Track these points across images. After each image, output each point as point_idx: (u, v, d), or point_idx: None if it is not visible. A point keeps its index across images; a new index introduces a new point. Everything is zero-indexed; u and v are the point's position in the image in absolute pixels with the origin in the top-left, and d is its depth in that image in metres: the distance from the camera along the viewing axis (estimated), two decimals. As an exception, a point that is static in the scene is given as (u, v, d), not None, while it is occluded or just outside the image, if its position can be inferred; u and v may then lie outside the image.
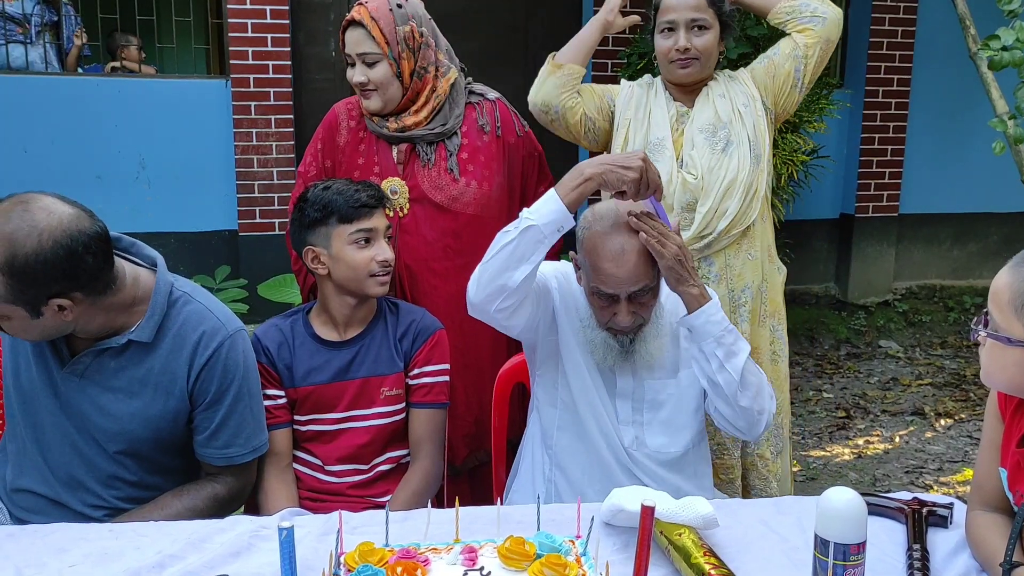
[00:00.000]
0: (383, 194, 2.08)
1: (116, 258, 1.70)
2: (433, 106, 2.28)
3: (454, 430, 2.28)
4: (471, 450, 2.36)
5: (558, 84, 2.39)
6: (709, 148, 2.31)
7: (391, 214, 2.24)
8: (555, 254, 2.26)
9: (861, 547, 1.23)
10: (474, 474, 2.39)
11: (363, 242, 2.01)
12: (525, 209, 1.77)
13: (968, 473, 3.77)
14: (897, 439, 4.17)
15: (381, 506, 1.82)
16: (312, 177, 2.31)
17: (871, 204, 6.13)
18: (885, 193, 6.13)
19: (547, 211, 1.74)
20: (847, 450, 4.05)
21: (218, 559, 1.46)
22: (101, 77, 5.22)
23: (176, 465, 1.88)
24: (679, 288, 1.81)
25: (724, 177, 2.27)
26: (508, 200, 2.36)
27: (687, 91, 2.41)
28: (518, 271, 1.74)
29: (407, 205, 2.26)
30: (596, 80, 5.55)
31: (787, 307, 2.56)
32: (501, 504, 1.57)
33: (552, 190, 1.77)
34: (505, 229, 1.78)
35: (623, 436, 1.93)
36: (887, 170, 6.11)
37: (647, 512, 1.17)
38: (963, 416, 4.44)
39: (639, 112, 2.41)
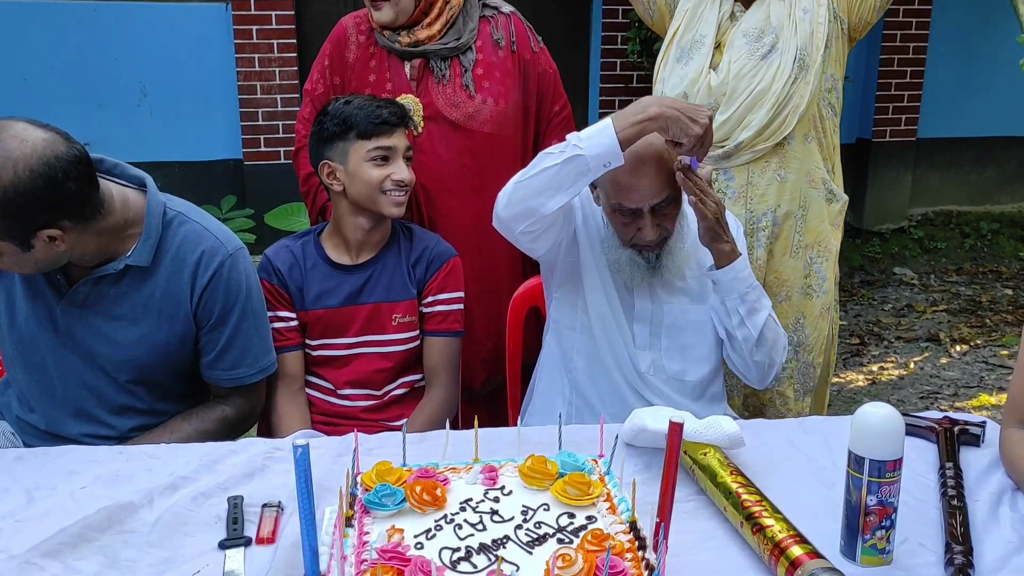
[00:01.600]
0: (406, 113, 2.00)
1: (101, 181, 1.62)
2: (447, 19, 2.17)
3: (472, 354, 2.24)
4: (489, 374, 2.32)
5: None
6: (748, 52, 2.16)
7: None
8: None
9: (897, 464, 1.19)
10: (490, 399, 2.35)
11: (381, 160, 1.94)
12: (575, 134, 1.65)
13: (984, 398, 3.73)
14: (912, 365, 4.13)
15: (395, 430, 1.80)
16: (320, 95, 2.23)
17: (888, 128, 5.98)
18: (903, 117, 5.98)
19: (598, 143, 1.60)
20: (861, 376, 4.02)
21: (231, 480, 1.43)
22: (100, 1, 5.05)
23: (186, 390, 1.85)
24: (712, 244, 1.76)
25: (755, 85, 2.13)
26: (523, 119, 2.27)
27: None
28: (553, 200, 1.65)
29: (422, 123, 2.18)
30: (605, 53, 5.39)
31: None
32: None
33: (609, 119, 1.63)
34: (549, 150, 1.66)
35: (639, 361, 1.89)
36: (906, 93, 5.95)
37: (676, 428, 1.12)
38: (978, 342, 4.39)
39: (698, 6, 2.26)
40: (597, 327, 1.89)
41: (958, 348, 4.33)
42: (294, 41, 5.05)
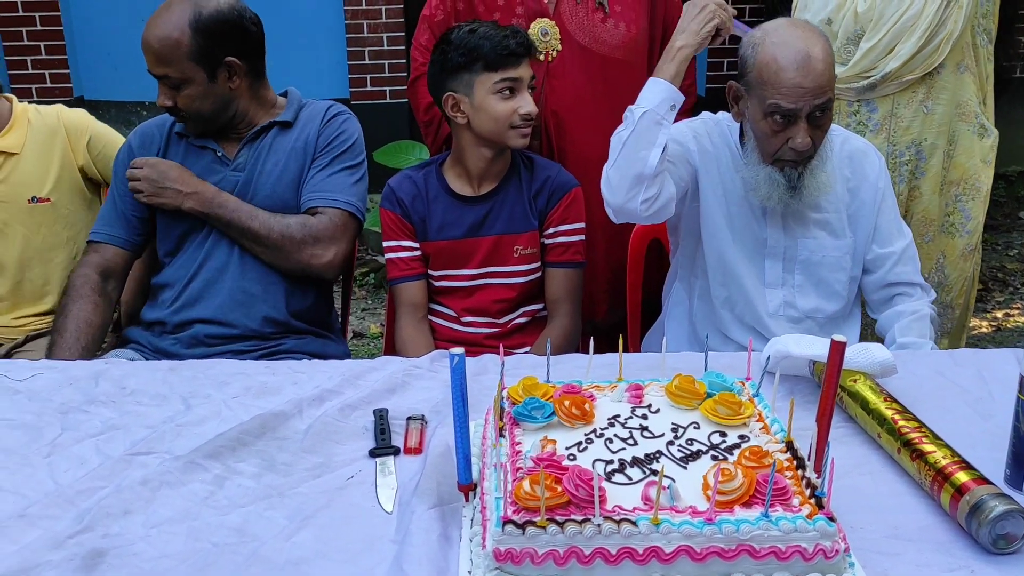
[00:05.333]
0: (531, 42, 1.96)
1: None
2: None
3: (594, 285, 2.23)
4: (611, 306, 2.30)
5: None
6: None
7: (541, 58, 2.13)
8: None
9: (1074, 391, 1.13)
10: (612, 332, 2.34)
11: (507, 92, 1.91)
12: (630, 107, 1.73)
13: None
14: (1039, 313, 3.93)
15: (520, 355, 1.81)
16: (440, 22, 2.19)
17: (1019, 65, 5.61)
18: (1039, 51, 5.60)
19: (653, 94, 1.71)
20: (985, 323, 3.84)
21: (375, 395, 1.47)
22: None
23: None
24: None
25: (903, 10, 2.01)
26: (649, 46, 2.21)
27: None
28: (650, 155, 1.70)
29: (559, 47, 2.13)
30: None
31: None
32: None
33: (651, 78, 1.74)
34: (618, 130, 1.74)
35: (768, 301, 1.84)
36: (1039, 26, 5.55)
37: (838, 347, 1.08)
38: (1112, 291, 4.14)
39: None
40: (720, 271, 1.87)
41: (1090, 296, 4.09)
42: (401, -22, 5.04)
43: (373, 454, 1.31)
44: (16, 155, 2.08)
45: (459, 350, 1.11)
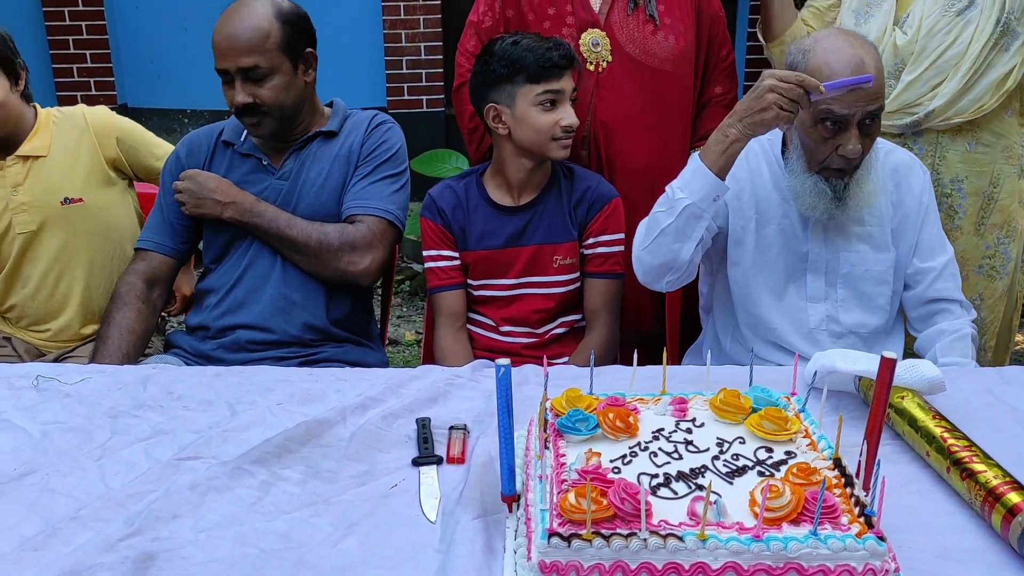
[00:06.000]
0: (574, 54, 1.96)
1: None
2: None
3: (637, 296, 2.22)
4: (655, 317, 2.30)
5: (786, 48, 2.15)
6: (942, 6, 2.00)
7: (591, 69, 2.13)
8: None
9: None
10: (650, 345, 2.33)
11: (549, 104, 1.91)
12: (673, 186, 1.70)
13: None
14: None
15: (559, 365, 1.81)
16: (487, 29, 2.20)
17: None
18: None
19: (698, 186, 1.66)
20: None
21: (417, 403, 1.48)
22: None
23: None
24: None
25: (945, 47, 1.96)
26: (695, 59, 2.21)
27: None
28: (684, 248, 1.71)
29: (609, 58, 2.14)
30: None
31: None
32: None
33: (696, 159, 1.67)
34: (656, 209, 1.72)
35: (810, 316, 1.83)
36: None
37: (888, 364, 1.07)
38: None
39: None
40: (743, 295, 1.86)
41: None
42: (439, -12, 5.08)
43: (416, 463, 1.31)
44: (43, 158, 2.10)
45: (505, 361, 1.11)
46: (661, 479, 1.10)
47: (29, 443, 1.37)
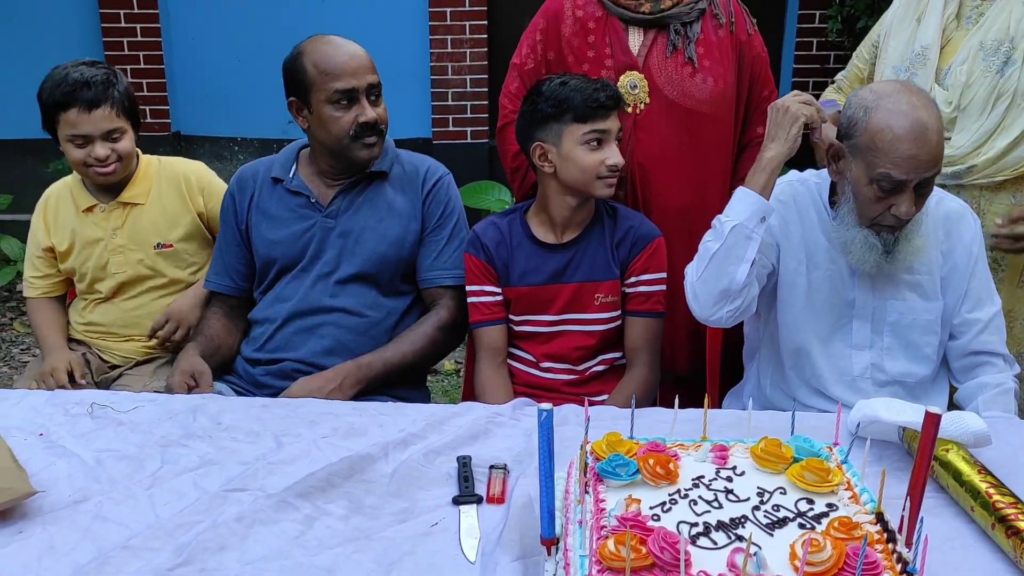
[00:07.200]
0: (620, 95, 1.99)
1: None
2: None
3: (676, 335, 2.22)
4: (692, 357, 2.30)
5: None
6: (984, 67, 1.99)
7: (629, 110, 2.16)
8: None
9: None
10: (690, 383, 2.33)
11: (595, 144, 1.94)
12: (719, 217, 1.74)
13: None
14: None
15: (598, 404, 1.82)
16: (530, 71, 2.24)
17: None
18: None
19: (744, 206, 1.71)
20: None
21: (458, 441, 1.50)
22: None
23: (405, 289, 2.14)
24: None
25: (990, 107, 1.96)
26: (736, 100, 2.22)
27: None
28: (738, 270, 1.72)
29: (647, 100, 2.16)
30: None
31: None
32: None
33: (740, 188, 1.72)
34: (706, 238, 1.76)
35: (853, 364, 1.81)
36: None
37: (932, 419, 1.07)
38: None
39: (908, 16, 2.12)
40: (790, 339, 1.85)
41: None
42: (485, 23, 5.16)
43: (457, 501, 1.33)
44: (142, 205, 2.25)
45: (547, 406, 1.12)
46: (701, 528, 1.10)
47: (83, 470, 1.42)
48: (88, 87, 2.07)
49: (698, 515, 1.13)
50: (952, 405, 1.90)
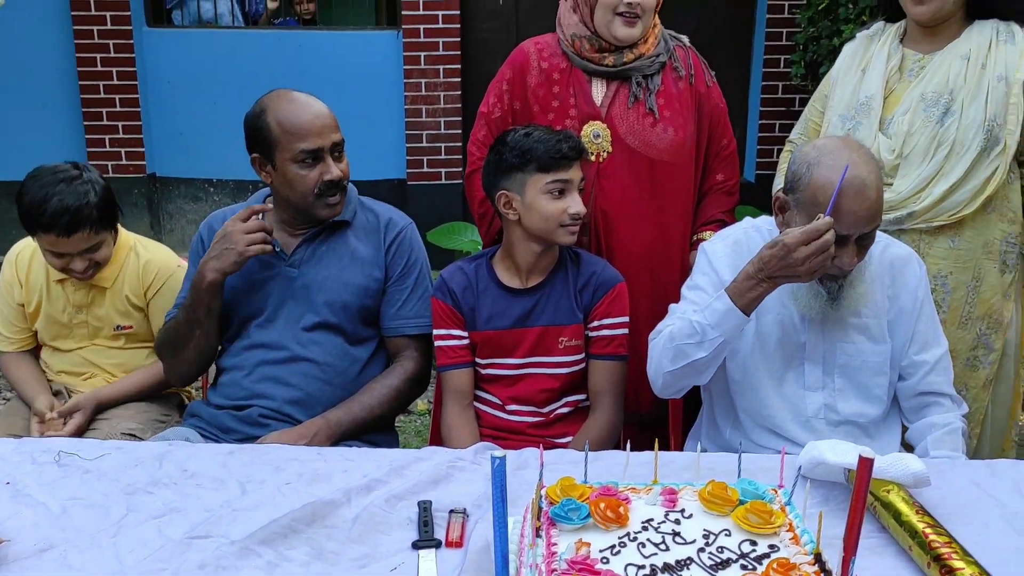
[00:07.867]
0: (583, 146, 2.05)
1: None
2: (656, 34, 2.23)
3: (639, 377, 2.27)
4: (654, 398, 2.34)
5: None
6: (924, 118, 2.07)
7: (592, 159, 2.22)
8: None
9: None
10: (653, 426, 2.37)
11: (557, 193, 1.99)
12: (703, 323, 1.76)
13: None
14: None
15: (561, 447, 1.86)
16: (496, 119, 2.31)
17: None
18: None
19: (731, 325, 1.75)
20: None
21: (419, 486, 1.53)
22: (285, 31, 5.46)
23: (368, 335, 2.15)
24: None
25: (930, 155, 2.04)
26: (695, 149, 2.30)
27: (930, 35, 2.12)
28: (709, 370, 1.84)
29: (610, 149, 2.23)
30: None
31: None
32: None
33: (726, 297, 1.74)
34: (684, 340, 1.79)
35: (808, 405, 1.87)
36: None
37: (865, 463, 1.12)
38: None
39: (853, 67, 2.21)
40: (743, 383, 1.91)
41: None
42: (459, 67, 5.26)
43: (416, 546, 1.36)
44: (108, 288, 2.29)
45: (500, 453, 1.17)
46: (648, 570, 1.14)
47: (49, 518, 1.44)
48: (66, 213, 2.07)
49: (646, 557, 1.17)
50: (905, 444, 1.96)
